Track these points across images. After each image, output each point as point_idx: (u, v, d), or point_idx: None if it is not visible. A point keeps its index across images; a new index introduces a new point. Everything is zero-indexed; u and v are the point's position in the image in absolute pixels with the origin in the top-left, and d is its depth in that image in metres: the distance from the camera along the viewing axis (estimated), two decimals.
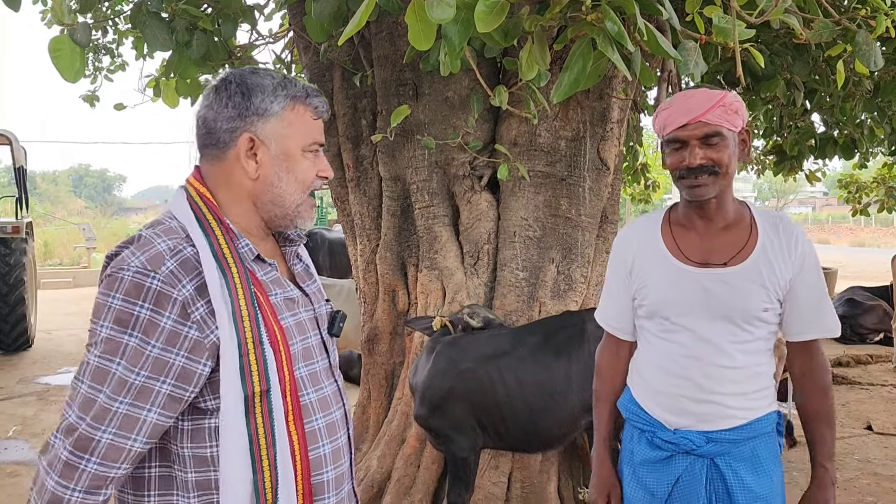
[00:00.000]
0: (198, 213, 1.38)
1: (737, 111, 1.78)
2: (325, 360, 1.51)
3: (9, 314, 8.51)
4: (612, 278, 2.06)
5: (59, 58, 2.56)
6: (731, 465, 1.84)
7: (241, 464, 1.32)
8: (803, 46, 4.06)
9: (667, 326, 1.90)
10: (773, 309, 1.83)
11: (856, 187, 10.27)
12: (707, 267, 1.84)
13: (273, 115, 1.40)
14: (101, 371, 1.27)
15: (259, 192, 1.43)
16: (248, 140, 1.40)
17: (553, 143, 3.67)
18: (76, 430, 1.26)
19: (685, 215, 1.91)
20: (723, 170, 1.78)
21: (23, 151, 9.39)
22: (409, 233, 3.94)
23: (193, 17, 3.21)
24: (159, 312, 1.27)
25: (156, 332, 1.27)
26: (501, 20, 1.78)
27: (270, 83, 1.42)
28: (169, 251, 1.30)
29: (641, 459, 1.94)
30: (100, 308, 1.29)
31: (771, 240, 1.83)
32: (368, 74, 3.92)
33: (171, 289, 1.28)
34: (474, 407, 3.10)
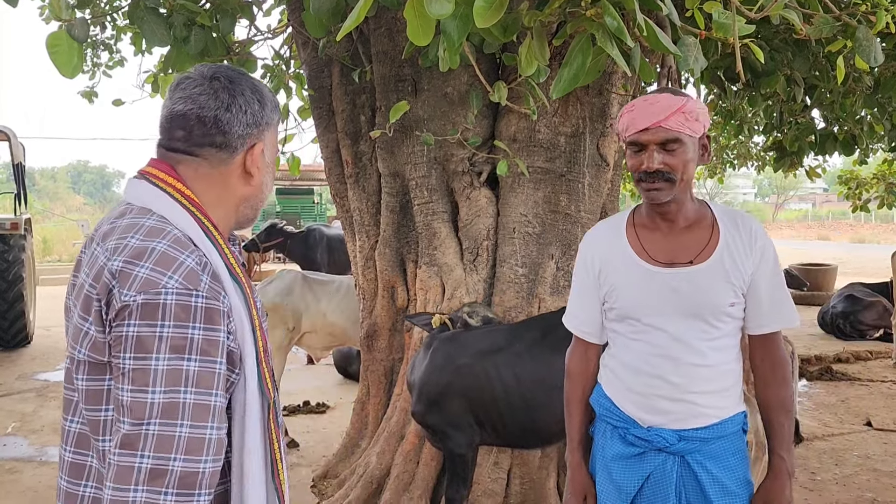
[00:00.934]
0: (196, 220, 1.32)
1: (697, 118, 1.79)
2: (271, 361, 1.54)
3: (7, 311, 8.50)
4: (579, 283, 2.07)
5: (57, 53, 2.55)
6: (701, 462, 1.87)
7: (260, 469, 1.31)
8: (803, 42, 4.05)
9: (638, 328, 1.92)
10: (739, 303, 1.87)
11: (856, 183, 10.25)
12: (673, 266, 1.87)
13: (273, 125, 1.43)
14: (172, 405, 1.17)
15: (250, 196, 1.43)
16: (261, 149, 1.40)
17: (552, 139, 3.66)
18: (167, 471, 1.16)
19: (648, 217, 1.95)
20: (678, 175, 1.81)
21: (21, 148, 9.37)
22: (408, 229, 3.94)
23: (191, 12, 3.21)
24: (212, 329, 1.22)
25: (216, 350, 1.22)
26: (500, 15, 1.77)
27: (270, 94, 1.43)
28: (198, 266, 1.24)
29: (613, 455, 1.96)
30: (146, 341, 1.17)
31: (732, 236, 1.87)
32: (367, 70, 3.91)
33: (217, 302, 1.23)
34: (471, 403, 3.09)
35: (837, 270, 13.24)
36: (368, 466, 3.88)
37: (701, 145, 1.86)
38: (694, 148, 1.83)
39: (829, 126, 6.18)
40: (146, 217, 1.28)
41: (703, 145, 1.87)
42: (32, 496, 4.38)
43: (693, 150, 1.83)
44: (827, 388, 6.87)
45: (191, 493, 1.17)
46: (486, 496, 3.57)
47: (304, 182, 21.99)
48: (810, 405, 6.26)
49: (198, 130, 1.34)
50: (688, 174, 1.83)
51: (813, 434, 5.44)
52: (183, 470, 1.17)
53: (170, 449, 1.16)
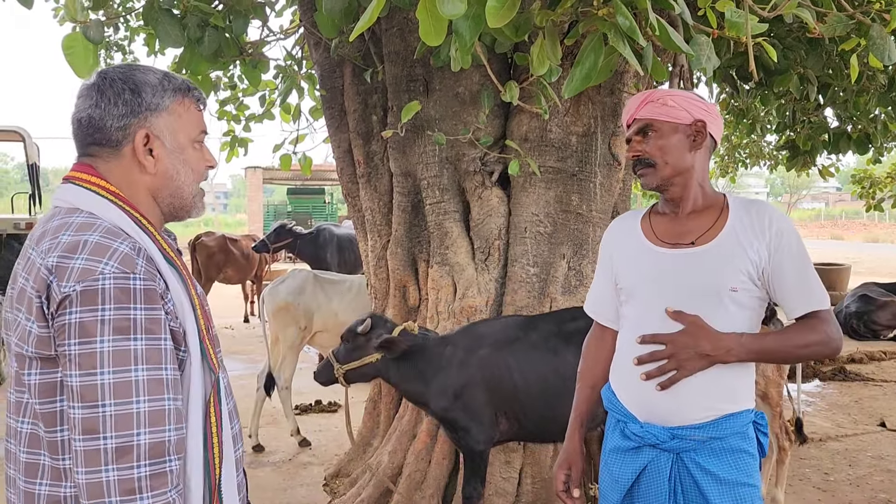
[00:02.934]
0: (124, 211, 1.37)
1: (666, 103, 1.87)
2: (226, 376, 1.54)
3: None
4: (598, 266, 2.16)
5: (73, 55, 2.58)
6: (696, 460, 1.85)
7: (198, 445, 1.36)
8: (817, 40, 4.03)
9: (638, 309, 1.95)
10: (745, 290, 1.83)
11: (869, 182, 10.18)
12: (676, 247, 1.90)
13: (164, 110, 1.42)
14: (124, 384, 1.22)
15: (159, 186, 1.45)
16: (144, 136, 1.41)
17: (564, 138, 3.66)
18: (133, 446, 1.21)
19: (661, 206, 2.02)
20: (658, 161, 1.89)
21: (36, 148, 9.45)
22: (420, 228, 3.94)
23: (205, 13, 3.23)
24: (153, 308, 1.27)
25: (159, 328, 1.27)
26: (512, 15, 1.77)
27: (155, 78, 1.43)
28: (132, 251, 1.28)
29: (612, 447, 2.00)
30: (89, 326, 1.21)
31: (742, 221, 1.87)
32: (379, 70, 3.92)
33: (153, 283, 1.28)
34: (492, 395, 3.11)
35: (851, 270, 13.14)
36: (380, 465, 3.89)
37: (693, 130, 1.89)
38: (676, 133, 1.89)
39: (843, 125, 6.14)
40: (75, 215, 1.33)
41: (696, 130, 1.90)
42: None
43: (673, 136, 1.89)
44: (840, 388, 6.83)
45: (161, 461, 1.24)
46: (497, 495, 3.57)
47: (316, 182, 22.07)
48: (823, 405, 6.23)
49: (80, 132, 1.41)
50: (672, 158, 1.89)
51: (826, 435, 5.41)
52: (149, 442, 1.22)
53: (130, 426, 1.21)
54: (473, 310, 3.68)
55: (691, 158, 1.91)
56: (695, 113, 1.89)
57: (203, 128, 1.51)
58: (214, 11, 3.29)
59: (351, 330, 3.31)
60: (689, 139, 1.90)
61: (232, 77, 5.70)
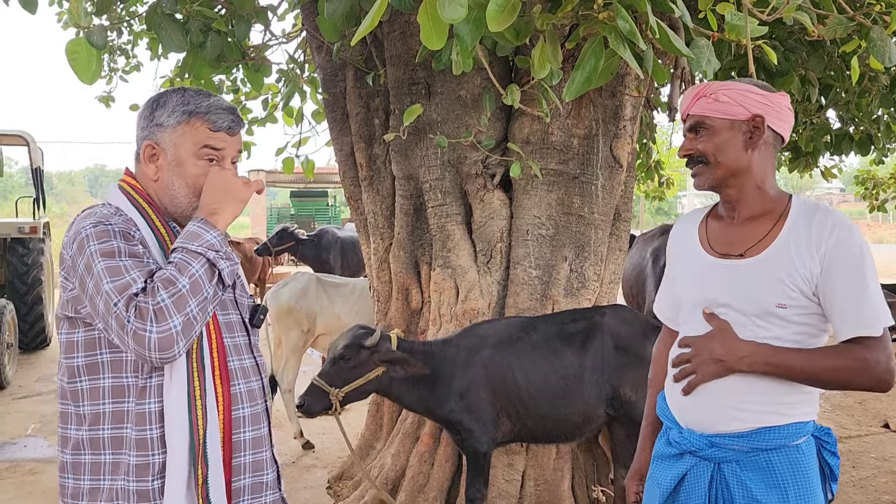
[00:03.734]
0: (128, 196, 1.64)
1: (717, 98, 1.76)
2: (244, 337, 1.72)
3: (27, 313, 8.60)
4: (666, 269, 2.08)
5: (76, 60, 2.59)
6: (738, 475, 1.74)
7: (181, 416, 1.53)
8: (818, 42, 4.04)
9: (685, 318, 1.89)
10: (796, 307, 1.70)
11: (873, 183, 10.16)
12: (726, 258, 1.80)
13: (168, 127, 1.64)
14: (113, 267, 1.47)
15: (159, 192, 1.67)
16: (147, 146, 1.65)
17: (566, 141, 3.67)
18: (136, 293, 1.44)
19: (720, 207, 1.92)
20: (711, 159, 1.79)
21: (40, 152, 9.48)
22: (423, 231, 3.95)
23: (208, 18, 3.24)
24: (129, 241, 1.53)
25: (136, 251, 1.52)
26: (513, 19, 1.78)
27: (175, 101, 1.65)
28: (112, 214, 1.57)
29: (656, 454, 1.95)
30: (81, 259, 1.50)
31: (798, 231, 1.72)
32: (381, 73, 3.93)
33: (129, 229, 1.56)
34: (496, 395, 3.12)
35: None
36: (383, 468, 3.90)
37: (750, 127, 1.76)
38: (730, 130, 1.76)
39: (845, 126, 6.14)
40: (97, 206, 1.64)
41: (754, 127, 1.76)
42: (53, 497, 4.43)
43: (729, 133, 1.76)
44: None
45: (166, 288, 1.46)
46: (500, 498, 3.58)
47: (319, 185, 22.07)
48: (827, 407, 6.22)
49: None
50: (725, 158, 1.77)
51: None
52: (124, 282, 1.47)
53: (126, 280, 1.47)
54: (476, 312, 3.69)
55: (748, 158, 1.77)
56: (752, 108, 1.75)
57: (208, 143, 1.64)
58: (217, 16, 3.30)
59: (352, 346, 3.09)
60: (744, 136, 1.77)
61: (235, 81, 5.71)
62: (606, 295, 3.93)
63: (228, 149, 1.67)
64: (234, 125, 1.67)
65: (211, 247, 1.53)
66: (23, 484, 4.66)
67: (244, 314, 1.75)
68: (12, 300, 8.15)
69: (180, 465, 1.52)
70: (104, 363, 1.56)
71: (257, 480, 1.66)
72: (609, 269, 3.93)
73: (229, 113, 1.66)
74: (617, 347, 3.20)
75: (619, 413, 3.20)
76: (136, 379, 1.55)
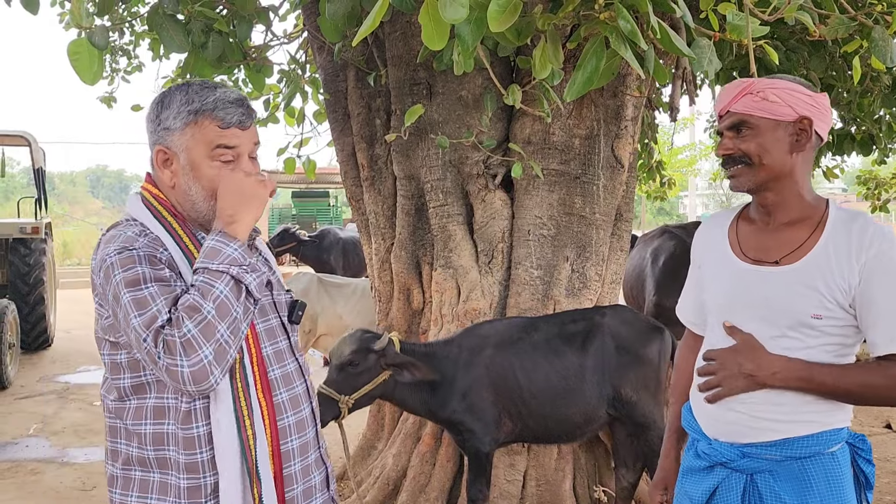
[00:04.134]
0: (151, 209, 1.57)
1: (767, 98, 1.67)
2: (285, 341, 1.67)
3: (29, 314, 8.61)
4: (689, 272, 2.00)
5: (78, 61, 2.59)
6: (771, 485, 1.68)
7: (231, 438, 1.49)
8: (819, 42, 4.03)
9: (713, 325, 1.83)
10: (832, 318, 1.65)
11: (875, 184, 10.14)
12: (759, 264, 1.73)
13: (176, 131, 1.54)
14: (139, 299, 1.41)
15: (178, 198, 1.59)
16: (159, 152, 1.57)
17: (567, 141, 3.67)
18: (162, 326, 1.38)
19: (753, 210, 1.83)
20: (755, 160, 1.69)
21: (41, 153, 9.49)
22: (424, 231, 3.95)
23: (209, 18, 3.24)
24: (155, 266, 1.46)
25: (162, 275, 1.45)
26: (514, 19, 1.78)
27: (180, 99, 1.55)
28: (137, 234, 1.50)
29: (685, 468, 1.89)
30: (109, 288, 1.46)
31: (837, 240, 1.65)
32: (382, 74, 3.93)
33: (155, 251, 1.49)
34: (498, 395, 3.12)
35: None
36: (385, 468, 3.90)
37: (797, 129, 1.69)
38: (775, 131, 1.69)
39: (847, 126, 6.13)
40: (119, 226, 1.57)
41: (800, 129, 1.69)
42: (54, 496, 4.44)
43: (774, 134, 1.69)
44: None
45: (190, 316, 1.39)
46: (501, 498, 3.58)
47: (320, 185, 22.07)
48: None
49: None
50: (770, 160, 1.69)
51: None
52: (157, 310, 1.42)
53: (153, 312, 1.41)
54: (477, 312, 3.69)
55: (791, 161, 1.70)
56: (800, 109, 1.68)
57: (221, 142, 1.54)
58: (218, 17, 3.30)
59: (361, 350, 3.01)
60: (790, 139, 1.69)
61: (236, 81, 5.72)
62: (608, 295, 3.93)
63: (243, 145, 1.56)
64: (245, 118, 1.56)
65: (233, 262, 1.44)
66: (24, 484, 4.66)
67: (283, 314, 1.69)
68: (14, 300, 8.16)
69: (234, 486, 1.49)
70: (150, 383, 1.51)
71: (307, 485, 1.64)
72: (611, 270, 3.93)
73: (237, 106, 1.55)
74: (617, 348, 3.20)
75: (619, 413, 3.20)
76: (177, 402, 1.49)
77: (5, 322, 7.26)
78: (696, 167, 23.41)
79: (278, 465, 1.56)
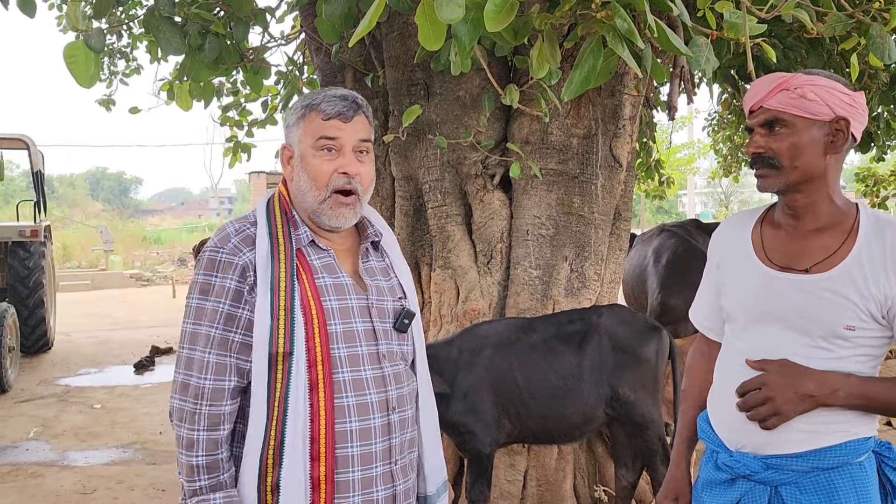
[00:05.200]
0: (270, 205, 1.70)
1: (804, 95, 1.59)
2: (371, 347, 1.66)
3: (29, 317, 8.60)
4: (705, 275, 1.93)
5: (75, 63, 2.59)
6: (798, 498, 1.63)
7: (260, 421, 1.55)
8: (817, 40, 4.03)
9: (738, 333, 1.76)
10: (865, 329, 1.59)
11: (873, 181, 10.17)
12: (787, 272, 1.65)
13: (294, 126, 1.68)
14: (193, 334, 1.59)
15: (294, 192, 1.70)
16: (284, 150, 1.73)
17: (565, 140, 3.66)
18: (188, 384, 1.57)
19: (779, 213, 1.75)
20: (785, 162, 1.62)
21: (40, 156, 9.49)
22: (423, 232, 3.95)
23: (206, 20, 3.24)
24: (225, 277, 1.59)
25: (224, 293, 1.58)
26: (511, 19, 1.78)
27: (300, 100, 1.70)
28: (234, 232, 1.64)
29: (705, 480, 1.81)
30: (191, 285, 1.64)
31: (871, 248, 1.59)
32: (380, 75, 3.93)
33: (234, 257, 1.60)
34: (498, 396, 3.12)
35: None
36: None
37: (833, 130, 1.61)
38: (811, 131, 1.61)
39: None
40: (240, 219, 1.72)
41: (836, 130, 1.61)
42: (55, 500, 4.44)
43: (809, 134, 1.61)
44: None
45: (196, 402, 1.56)
46: (502, 498, 3.57)
47: None
48: None
49: None
50: (803, 161, 1.61)
51: None
52: (195, 384, 1.57)
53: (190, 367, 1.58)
54: (476, 313, 3.68)
55: (825, 163, 1.62)
56: (838, 109, 1.60)
57: (323, 133, 1.64)
58: (215, 19, 3.30)
59: None
60: (825, 139, 1.61)
61: (235, 83, 5.72)
62: (607, 295, 3.93)
63: (345, 137, 1.63)
64: (347, 110, 1.63)
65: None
66: (24, 487, 4.66)
67: (383, 320, 1.69)
68: (14, 303, 8.16)
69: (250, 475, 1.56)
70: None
71: (367, 497, 1.61)
72: (610, 269, 3.92)
73: (341, 99, 1.64)
74: (615, 347, 3.19)
75: (618, 413, 3.19)
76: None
77: (5, 325, 7.26)
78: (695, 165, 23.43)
79: (330, 469, 1.56)
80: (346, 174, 1.64)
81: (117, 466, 5.00)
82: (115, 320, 12.24)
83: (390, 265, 1.81)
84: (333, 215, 1.65)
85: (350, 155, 1.65)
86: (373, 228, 1.78)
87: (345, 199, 1.64)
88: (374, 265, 1.77)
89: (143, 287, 18.24)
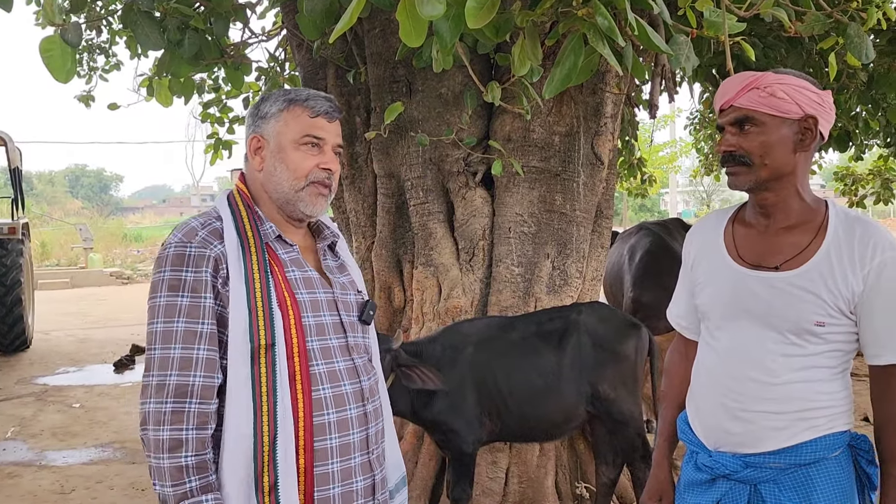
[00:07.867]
0: (231, 201, 1.69)
1: (774, 94, 1.61)
2: (341, 339, 1.69)
3: (6, 315, 8.50)
4: (681, 275, 1.94)
5: (51, 58, 2.54)
6: (776, 496, 1.65)
7: (242, 417, 1.51)
8: (796, 39, 4.07)
9: (712, 332, 1.77)
10: (835, 325, 1.62)
11: (852, 179, 10.28)
12: (758, 269, 1.67)
13: (272, 117, 1.69)
14: (167, 333, 1.52)
15: (265, 181, 1.70)
16: (253, 140, 1.71)
17: (547, 138, 3.67)
18: (165, 385, 1.50)
19: (750, 212, 1.77)
20: (756, 160, 1.64)
21: (18, 152, 9.37)
22: (404, 229, 3.94)
23: (185, 15, 3.20)
24: (199, 271, 1.55)
25: (201, 287, 1.55)
26: (492, 16, 1.77)
27: (279, 93, 1.71)
28: (200, 225, 1.62)
29: (686, 481, 1.83)
30: (154, 284, 1.57)
31: (840, 245, 1.61)
32: (362, 71, 3.92)
33: (205, 250, 1.57)
34: (480, 394, 3.12)
35: None
36: None
37: (802, 128, 1.63)
38: (780, 129, 1.63)
39: None
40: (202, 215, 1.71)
41: (805, 128, 1.63)
42: (32, 500, 4.38)
43: (779, 132, 1.63)
44: None
45: (183, 401, 1.50)
46: (484, 495, 3.58)
47: None
48: None
49: None
50: (773, 159, 1.63)
51: None
52: (177, 383, 1.50)
53: (167, 367, 1.51)
54: (458, 310, 3.68)
55: (794, 160, 1.65)
56: (807, 107, 1.62)
57: (310, 131, 1.68)
58: (195, 14, 3.26)
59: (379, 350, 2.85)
60: (795, 137, 1.64)
61: (216, 79, 5.68)
62: (589, 292, 3.94)
63: (328, 136, 1.71)
64: (333, 111, 1.71)
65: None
66: (1, 488, 4.60)
67: (348, 313, 1.73)
68: None
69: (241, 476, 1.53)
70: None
71: (347, 488, 1.62)
72: (591, 267, 3.94)
73: (327, 100, 1.71)
74: (594, 345, 3.20)
75: (598, 410, 3.20)
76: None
77: None
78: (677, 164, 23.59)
79: (309, 462, 1.55)
80: (327, 170, 1.70)
81: (96, 466, 4.95)
82: (94, 319, 12.11)
83: (344, 264, 1.86)
84: (311, 202, 1.69)
85: (331, 153, 1.72)
86: (329, 230, 1.83)
87: (322, 189, 1.70)
88: (332, 264, 1.82)
89: (123, 285, 18.06)
